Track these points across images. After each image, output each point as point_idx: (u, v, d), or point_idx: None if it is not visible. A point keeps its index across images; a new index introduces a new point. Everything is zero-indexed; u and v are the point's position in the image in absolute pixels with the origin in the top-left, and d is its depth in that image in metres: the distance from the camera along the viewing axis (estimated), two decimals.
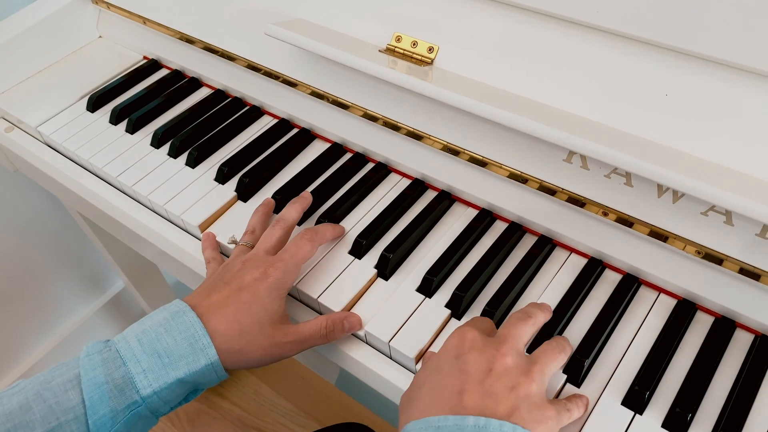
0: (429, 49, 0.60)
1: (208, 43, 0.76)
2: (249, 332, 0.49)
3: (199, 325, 0.48)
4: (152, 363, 0.46)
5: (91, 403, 0.45)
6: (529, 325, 0.47)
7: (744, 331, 0.51)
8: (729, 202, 0.43)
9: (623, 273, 0.55)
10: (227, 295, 0.51)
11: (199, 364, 0.47)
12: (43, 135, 0.77)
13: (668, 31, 0.48)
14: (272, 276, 0.52)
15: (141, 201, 0.69)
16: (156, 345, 0.47)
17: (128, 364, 0.46)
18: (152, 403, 0.47)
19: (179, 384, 0.47)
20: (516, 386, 0.41)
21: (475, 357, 0.43)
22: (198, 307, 0.50)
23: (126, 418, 0.46)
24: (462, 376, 0.42)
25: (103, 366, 0.46)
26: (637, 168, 0.46)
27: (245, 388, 1.41)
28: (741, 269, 0.49)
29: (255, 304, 0.50)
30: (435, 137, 0.61)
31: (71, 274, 1.29)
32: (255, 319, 0.50)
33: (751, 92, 0.47)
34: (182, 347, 0.47)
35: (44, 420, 0.44)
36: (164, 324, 0.48)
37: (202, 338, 0.48)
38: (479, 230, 0.60)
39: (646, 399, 0.47)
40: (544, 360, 0.44)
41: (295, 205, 0.60)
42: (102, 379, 0.45)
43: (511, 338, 0.45)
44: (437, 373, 0.44)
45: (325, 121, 0.69)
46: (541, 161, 0.56)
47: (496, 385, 0.41)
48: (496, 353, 0.43)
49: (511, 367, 0.42)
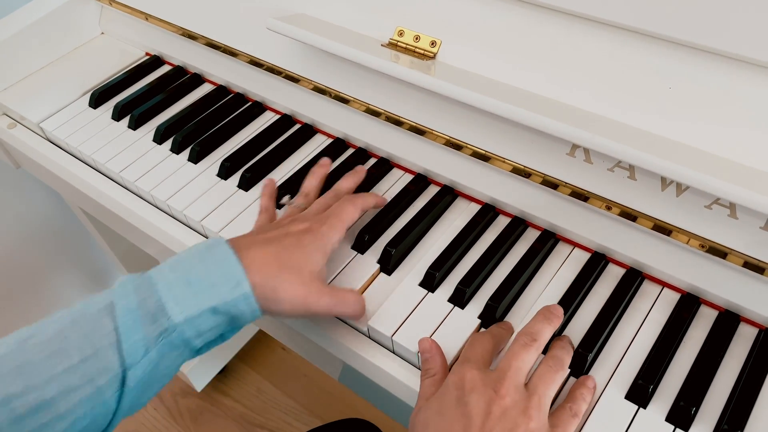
0: (432, 44, 0.60)
1: (211, 38, 0.76)
2: (287, 273, 0.49)
3: (233, 256, 0.47)
4: (184, 290, 0.46)
5: (124, 328, 0.44)
6: (532, 351, 0.46)
7: (748, 325, 0.51)
8: (733, 195, 0.43)
9: (627, 267, 0.55)
10: (272, 236, 0.51)
11: (232, 294, 0.46)
12: (46, 131, 0.77)
13: (672, 24, 0.48)
14: (317, 230, 0.52)
15: (143, 197, 0.69)
16: (189, 273, 0.46)
17: (160, 291, 0.46)
18: (184, 331, 0.46)
19: (212, 313, 0.46)
20: (514, 428, 0.42)
21: (475, 399, 0.44)
22: (236, 243, 0.50)
23: (159, 345, 0.45)
24: (464, 420, 0.43)
25: (136, 293, 0.45)
26: (640, 161, 0.46)
27: (248, 386, 1.41)
28: (745, 263, 0.48)
29: (298, 249, 0.50)
30: (438, 132, 0.61)
31: (73, 270, 1.29)
32: (295, 262, 0.50)
33: (755, 84, 0.47)
34: (215, 276, 0.47)
35: (80, 348, 0.43)
36: (198, 254, 0.48)
37: (236, 269, 0.47)
38: (482, 225, 0.60)
39: (649, 393, 0.47)
40: (542, 389, 0.45)
41: (350, 178, 0.62)
42: (134, 305, 0.45)
43: (511, 372, 0.45)
44: (440, 416, 0.44)
45: (328, 117, 0.69)
46: (544, 155, 0.55)
47: (496, 428, 0.42)
48: (495, 395, 0.44)
49: (509, 407, 0.43)
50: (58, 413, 0.42)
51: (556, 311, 0.50)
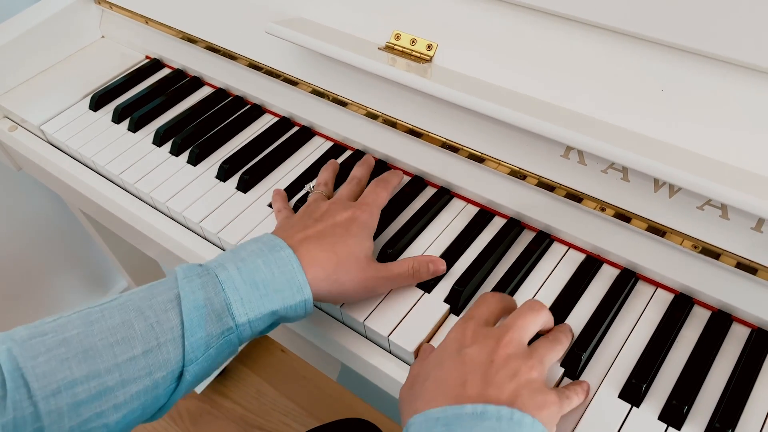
0: (428, 47, 0.60)
1: (210, 42, 0.76)
2: (346, 263, 0.51)
3: (296, 262, 0.49)
4: (250, 293, 0.47)
5: (189, 325, 0.45)
6: (539, 317, 0.47)
7: (740, 325, 0.51)
8: (723, 196, 0.44)
9: (621, 267, 0.56)
10: (322, 229, 0.52)
11: (294, 299, 0.48)
12: (46, 134, 0.78)
13: (664, 27, 0.49)
14: (361, 217, 0.54)
15: (143, 198, 0.69)
16: (255, 275, 0.47)
17: (227, 290, 0.46)
18: (243, 330, 0.47)
19: (271, 315, 0.48)
20: (517, 374, 0.42)
21: (476, 350, 0.44)
22: (290, 240, 0.51)
23: (219, 344, 0.46)
24: (464, 368, 0.43)
25: (203, 290, 0.46)
26: (632, 162, 0.46)
27: (248, 388, 1.42)
28: (738, 263, 0.49)
29: (350, 238, 0.52)
30: (434, 134, 0.61)
31: (74, 272, 1.30)
32: (351, 252, 0.51)
33: (747, 87, 0.47)
34: (279, 282, 0.48)
35: (144, 339, 0.44)
36: (261, 256, 0.49)
37: (299, 275, 0.48)
38: (478, 226, 0.60)
39: (643, 392, 0.47)
40: (542, 351, 0.45)
41: (363, 166, 0.64)
42: (202, 302, 0.45)
43: (515, 328, 0.45)
44: (439, 366, 0.44)
45: (326, 119, 0.70)
46: (539, 157, 0.56)
47: (498, 374, 0.42)
48: (497, 345, 0.44)
49: (512, 356, 0.43)
50: (116, 402, 0.43)
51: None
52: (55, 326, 0.43)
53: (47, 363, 0.41)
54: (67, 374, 0.41)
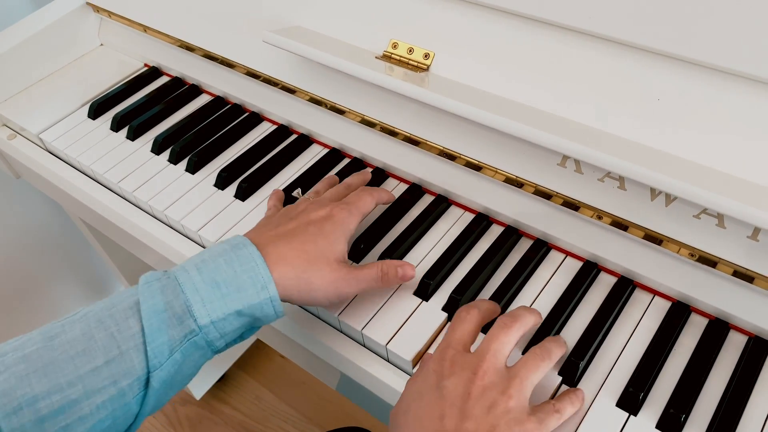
0: (425, 56, 0.61)
1: (208, 50, 0.77)
2: (317, 263, 0.50)
3: (260, 259, 0.47)
4: (211, 293, 0.46)
5: (149, 330, 0.44)
6: (513, 332, 0.46)
7: (738, 333, 0.51)
8: (719, 205, 0.44)
9: (618, 276, 0.56)
10: (294, 228, 0.51)
11: (258, 297, 0.47)
12: (45, 142, 0.78)
13: (660, 37, 0.49)
14: (337, 216, 0.53)
15: (141, 207, 0.70)
16: (215, 275, 0.46)
17: (187, 292, 0.45)
18: (209, 333, 0.46)
19: (237, 316, 0.46)
20: (493, 406, 0.42)
21: (453, 382, 0.44)
22: (258, 239, 0.50)
23: (183, 348, 0.45)
24: (442, 402, 0.43)
25: (162, 293, 0.45)
26: (628, 171, 0.46)
27: (247, 394, 1.42)
28: (735, 272, 0.49)
29: (322, 238, 0.51)
30: (431, 142, 0.62)
31: (73, 279, 1.30)
32: (321, 252, 0.50)
33: (743, 96, 0.48)
34: (242, 279, 0.46)
35: (106, 348, 0.43)
36: (224, 255, 0.48)
37: (263, 273, 0.47)
38: (475, 234, 0.60)
39: (640, 400, 0.47)
40: (524, 373, 0.45)
41: (358, 176, 0.63)
42: (161, 306, 0.45)
43: (490, 354, 0.45)
44: (420, 400, 0.45)
45: (324, 127, 0.70)
46: (536, 166, 0.56)
47: (474, 408, 0.42)
48: (474, 377, 0.44)
49: (489, 387, 0.43)
50: (81, 414, 0.42)
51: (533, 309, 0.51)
52: (16, 345, 0.43)
53: (6, 381, 0.41)
54: (27, 390, 0.41)
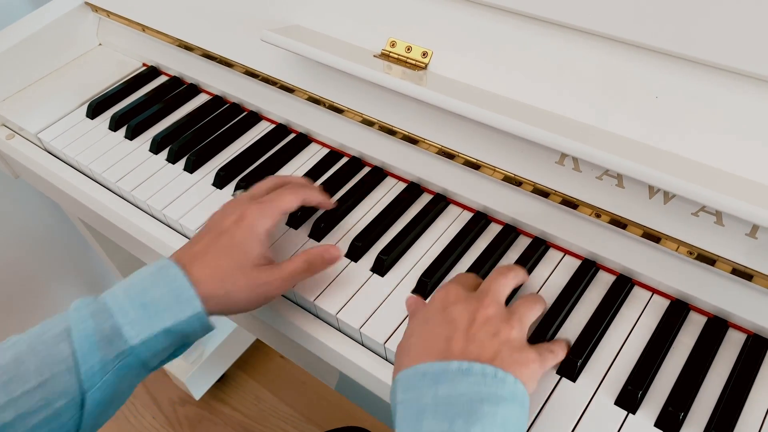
0: (423, 54, 0.61)
1: (206, 49, 0.77)
2: (231, 276, 0.51)
3: (183, 277, 0.49)
4: (139, 314, 0.47)
5: (81, 353, 0.46)
6: (509, 279, 0.50)
7: (736, 331, 0.51)
8: (717, 202, 0.44)
9: (616, 274, 0.56)
10: (208, 242, 0.52)
11: (184, 314, 0.48)
12: (44, 142, 0.78)
13: (658, 35, 0.49)
14: (248, 218, 0.53)
15: (140, 206, 0.69)
16: (143, 297, 0.48)
17: (116, 315, 0.47)
18: (140, 353, 0.47)
19: (165, 334, 0.48)
20: (497, 333, 0.45)
21: (459, 309, 0.46)
22: (182, 259, 0.51)
23: (116, 368, 0.47)
24: (448, 326, 0.45)
25: (92, 318, 0.47)
26: (626, 169, 0.46)
27: (246, 394, 1.42)
28: (733, 269, 0.49)
29: (233, 248, 0.52)
30: (430, 141, 0.62)
31: (72, 279, 1.30)
32: (235, 262, 0.51)
33: (741, 94, 0.48)
34: (168, 299, 0.48)
35: (38, 372, 0.45)
36: (150, 277, 0.49)
37: (187, 289, 0.49)
38: (474, 232, 0.60)
39: (639, 398, 0.47)
40: (522, 310, 0.48)
41: (300, 177, 0.63)
42: (91, 330, 0.46)
43: (492, 292, 0.48)
44: (425, 324, 0.47)
45: (322, 126, 0.70)
46: (534, 164, 0.56)
47: (479, 332, 0.45)
48: (479, 305, 0.46)
49: (493, 316, 0.46)
50: None
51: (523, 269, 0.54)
52: None
53: None
54: None
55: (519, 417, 0.42)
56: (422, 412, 0.41)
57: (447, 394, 0.41)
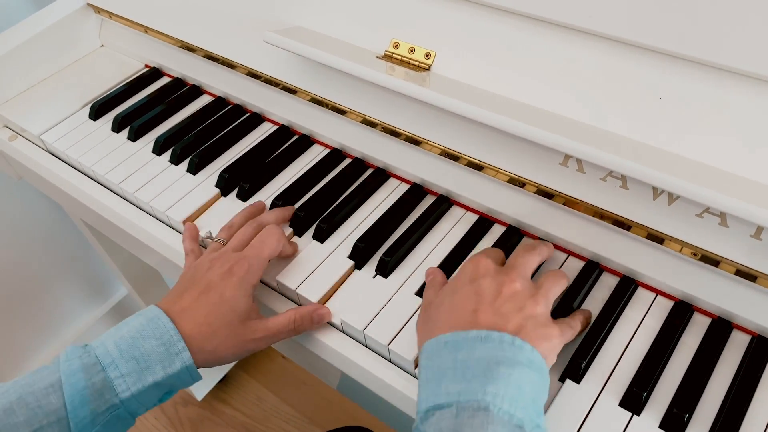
0: (426, 55, 0.60)
1: (209, 51, 0.76)
2: (219, 333, 0.52)
3: (173, 330, 0.50)
4: (130, 368, 0.48)
5: (72, 406, 0.46)
6: (535, 255, 0.52)
7: (741, 332, 0.51)
8: (722, 204, 0.44)
9: (620, 275, 0.56)
10: (196, 297, 0.53)
11: (175, 367, 0.50)
12: (46, 143, 0.78)
13: (662, 36, 0.49)
14: (237, 275, 0.54)
15: (143, 207, 0.69)
16: (133, 350, 0.49)
17: (107, 369, 0.48)
18: (130, 405, 0.49)
19: (155, 387, 0.49)
20: (523, 308, 0.46)
21: (488, 282, 0.47)
22: (171, 311, 0.52)
23: (105, 420, 0.48)
24: (476, 297, 0.47)
25: (84, 371, 0.48)
26: (630, 171, 0.46)
27: (248, 395, 1.42)
28: (737, 271, 0.49)
29: (223, 305, 0.52)
30: (433, 142, 0.62)
31: (74, 280, 1.30)
32: (224, 320, 0.52)
33: (745, 95, 0.47)
34: (158, 352, 0.49)
35: (28, 422, 0.46)
36: (140, 329, 0.50)
37: (177, 343, 0.50)
38: (477, 234, 0.60)
39: (643, 400, 0.47)
40: (547, 285, 0.49)
41: (276, 212, 0.62)
42: (83, 384, 0.47)
43: (519, 266, 0.49)
44: (454, 294, 0.48)
45: (325, 127, 0.70)
46: (538, 165, 0.56)
47: (505, 306, 0.46)
48: (506, 279, 0.48)
49: (519, 291, 0.47)
50: None
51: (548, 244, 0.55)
52: None
53: None
54: None
55: (536, 383, 0.43)
56: (443, 375, 0.43)
57: (465, 358, 0.43)
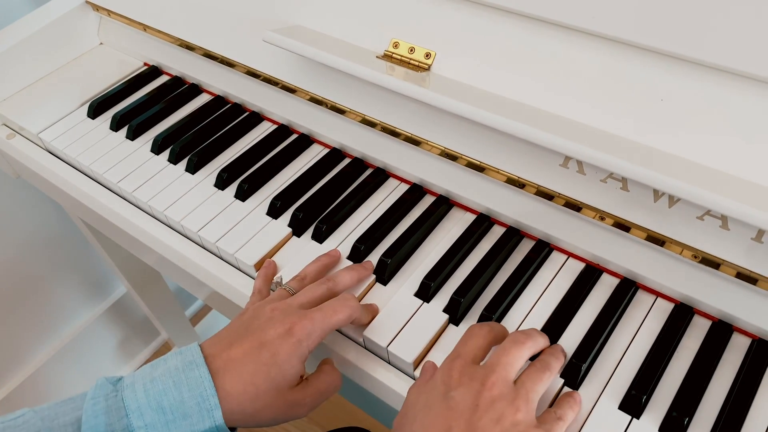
0: (426, 55, 0.60)
1: (208, 49, 0.76)
2: (265, 397, 0.47)
3: (209, 383, 0.46)
4: (155, 418, 0.45)
5: None
6: (525, 348, 0.46)
7: (741, 335, 0.51)
8: (723, 207, 0.43)
9: (620, 277, 0.55)
10: (247, 350, 0.48)
11: (203, 425, 0.46)
12: (45, 142, 0.77)
13: (663, 37, 0.49)
14: (296, 336, 0.48)
15: (141, 207, 0.69)
16: (162, 399, 0.46)
17: (131, 416, 0.45)
18: None
19: None
20: (501, 418, 0.42)
21: (461, 393, 0.43)
22: (215, 360, 0.48)
23: None
24: (449, 413, 0.43)
25: (106, 414, 0.45)
26: (630, 173, 0.46)
27: None
28: (738, 273, 0.49)
29: (274, 367, 0.47)
30: (433, 143, 0.61)
31: (73, 279, 1.30)
32: (273, 384, 0.48)
33: (748, 96, 0.47)
34: (189, 405, 0.46)
35: None
36: (174, 375, 0.47)
37: (211, 399, 0.46)
38: (477, 235, 0.60)
39: (643, 403, 0.47)
40: (529, 385, 0.45)
41: (353, 272, 0.56)
42: (102, 429, 0.45)
43: (500, 367, 0.45)
44: (427, 410, 0.44)
45: (324, 127, 0.70)
46: (538, 166, 0.56)
47: (482, 420, 0.42)
48: (482, 388, 0.43)
49: (497, 399, 0.43)
50: None
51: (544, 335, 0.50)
52: None
53: None
54: None
55: None
56: None
57: None
